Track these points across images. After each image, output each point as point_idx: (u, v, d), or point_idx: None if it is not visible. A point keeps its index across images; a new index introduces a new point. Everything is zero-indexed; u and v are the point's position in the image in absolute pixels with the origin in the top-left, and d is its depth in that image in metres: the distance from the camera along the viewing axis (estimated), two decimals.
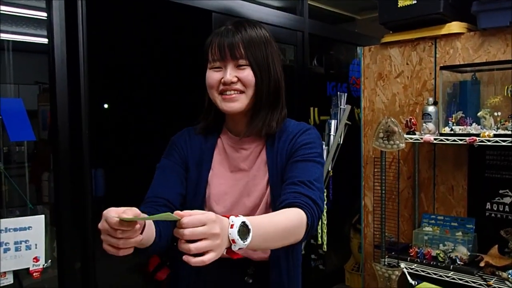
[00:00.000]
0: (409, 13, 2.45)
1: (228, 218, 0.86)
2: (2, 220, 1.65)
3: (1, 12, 2.00)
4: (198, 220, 0.79)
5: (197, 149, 1.28)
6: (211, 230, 0.80)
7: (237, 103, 1.16)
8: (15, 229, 1.69)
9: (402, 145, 2.16)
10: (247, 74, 1.15)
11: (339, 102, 2.69)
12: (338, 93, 2.72)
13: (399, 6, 2.48)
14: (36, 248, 1.73)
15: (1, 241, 1.64)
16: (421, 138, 2.19)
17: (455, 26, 2.37)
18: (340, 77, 3.77)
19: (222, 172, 1.25)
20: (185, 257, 0.80)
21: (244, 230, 0.86)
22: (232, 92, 1.15)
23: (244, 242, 0.86)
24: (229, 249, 0.86)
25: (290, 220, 1.01)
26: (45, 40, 2.71)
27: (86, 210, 2.04)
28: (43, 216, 1.77)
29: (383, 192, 2.32)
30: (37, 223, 1.75)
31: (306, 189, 1.08)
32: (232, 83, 1.14)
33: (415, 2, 2.41)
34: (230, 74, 1.14)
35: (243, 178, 1.24)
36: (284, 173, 1.17)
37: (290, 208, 1.03)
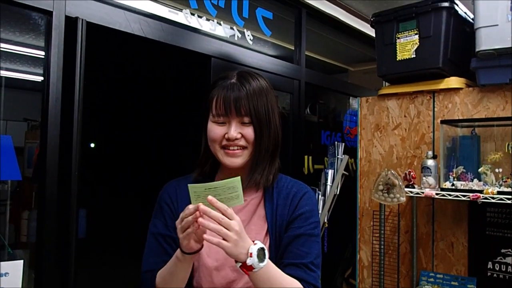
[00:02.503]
0: (408, 67, 2.46)
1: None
2: None
3: None
4: (231, 213, 0.99)
5: (188, 201, 1.23)
6: (235, 226, 0.98)
7: (240, 158, 1.18)
8: None
9: (403, 199, 2.11)
10: (251, 131, 1.16)
11: (336, 151, 2.65)
12: (336, 142, 2.68)
13: (397, 59, 2.50)
14: None
15: None
16: (422, 193, 2.14)
17: (454, 81, 2.38)
18: (335, 126, 3.76)
19: None
20: (206, 236, 0.99)
21: (261, 254, 1.02)
22: (236, 148, 1.17)
23: (259, 262, 1.01)
24: (243, 263, 1.01)
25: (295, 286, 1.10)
26: (36, 78, 2.65)
27: (69, 254, 1.92)
28: (21, 261, 1.64)
29: (382, 247, 2.23)
30: (15, 269, 1.62)
31: (308, 274, 1.14)
32: (236, 139, 1.16)
33: (414, 56, 2.43)
34: (234, 130, 1.15)
35: None
36: (284, 237, 1.19)
37: (298, 283, 1.12)
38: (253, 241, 1.02)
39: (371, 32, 3.86)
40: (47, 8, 1.76)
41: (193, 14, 2.49)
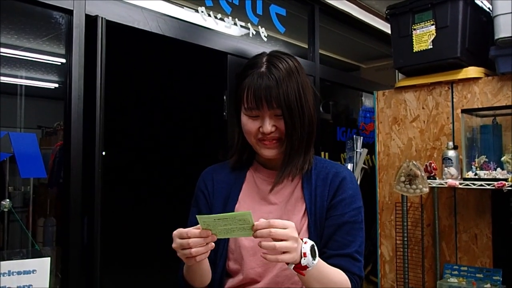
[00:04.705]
0: (425, 58, 2.44)
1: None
2: (6, 262, 1.53)
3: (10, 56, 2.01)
4: (283, 223, 0.93)
5: (224, 184, 1.26)
6: (292, 233, 0.93)
7: (276, 150, 1.17)
8: (18, 273, 1.56)
9: (426, 190, 2.08)
10: (284, 124, 1.15)
11: (355, 145, 2.64)
12: (354, 136, 2.67)
13: (414, 51, 2.48)
14: None
15: (3, 286, 1.51)
16: (446, 183, 2.11)
17: (472, 71, 2.36)
18: (350, 123, 3.75)
19: (250, 204, 1.21)
20: (263, 255, 0.93)
21: (313, 252, 0.98)
22: (272, 139, 1.16)
23: (313, 260, 0.97)
24: (297, 265, 0.96)
25: (343, 280, 1.09)
26: (49, 85, 2.67)
27: (95, 257, 1.92)
28: (48, 258, 1.65)
29: (405, 240, 2.21)
30: (42, 266, 1.63)
31: (353, 264, 1.13)
32: (272, 133, 1.14)
33: (431, 47, 2.41)
34: (269, 124, 1.13)
35: (273, 212, 1.19)
36: (327, 225, 1.16)
37: (343, 273, 1.10)
38: (302, 239, 0.98)
39: (384, 27, 3.85)
40: (68, 7, 1.78)
41: (209, 15, 2.50)
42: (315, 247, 0.99)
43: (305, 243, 0.97)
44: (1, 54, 1.87)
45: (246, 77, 1.14)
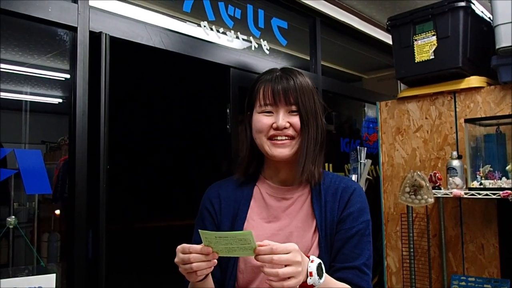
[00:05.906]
0: (427, 68, 2.45)
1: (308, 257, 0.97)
2: (12, 279, 1.53)
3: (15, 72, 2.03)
4: (285, 248, 0.90)
5: (232, 202, 1.22)
6: (295, 258, 0.90)
7: (288, 149, 1.14)
8: None
9: (431, 200, 2.08)
10: (299, 120, 1.14)
11: (359, 156, 2.64)
12: (358, 147, 2.67)
13: (416, 61, 2.49)
14: None
15: None
16: (451, 193, 2.10)
17: (474, 80, 2.36)
18: (353, 133, 3.75)
19: (259, 222, 1.18)
20: (268, 281, 0.90)
21: (319, 270, 0.96)
22: (284, 137, 1.14)
23: (319, 279, 0.95)
24: (303, 284, 0.94)
25: None
26: (52, 100, 2.69)
27: (100, 270, 1.92)
28: (54, 275, 1.64)
29: (412, 251, 2.19)
30: (47, 282, 1.63)
31: (360, 278, 1.11)
32: (285, 129, 1.13)
33: (433, 57, 2.42)
34: (283, 119, 1.13)
35: (283, 229, 1.16)
36: (336, 239, 1.14)
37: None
38: (308, 257, 0.97)
39: (385, 38, 3.88)
40: (72, 24, 1.80)
41: (211, 29, 2.53)
42: (322, 265, 0.98)
43: (311, 261, 0.95)
44: (7, 70, 1.89)
45: (260, 81, 1.17)
